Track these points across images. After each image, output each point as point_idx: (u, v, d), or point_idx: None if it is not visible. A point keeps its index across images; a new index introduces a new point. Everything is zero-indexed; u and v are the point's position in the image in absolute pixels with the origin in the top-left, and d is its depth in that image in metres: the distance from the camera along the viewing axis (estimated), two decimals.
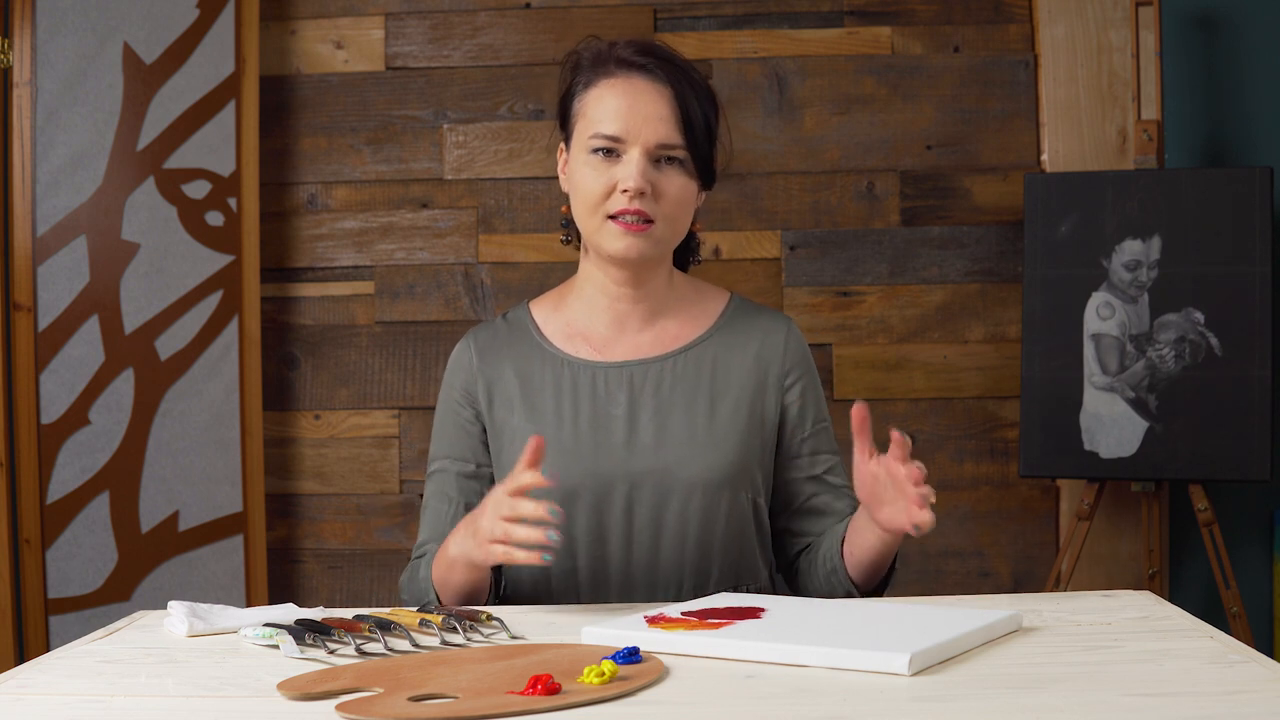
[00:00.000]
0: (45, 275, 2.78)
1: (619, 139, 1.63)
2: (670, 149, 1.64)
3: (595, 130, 1.65)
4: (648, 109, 1.64)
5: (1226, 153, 3.00)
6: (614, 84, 1.66)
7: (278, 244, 3.14)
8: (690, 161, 1.66)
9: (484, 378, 1.75)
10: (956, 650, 1.22)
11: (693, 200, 1.69)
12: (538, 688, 1.09)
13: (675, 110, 1.64)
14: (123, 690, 1.18)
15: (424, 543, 1.75)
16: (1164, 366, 2.75)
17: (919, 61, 3.09)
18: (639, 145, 1.63)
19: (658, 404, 1.70)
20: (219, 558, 2.95)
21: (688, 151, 1.65)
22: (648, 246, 1.65)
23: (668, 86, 1.65)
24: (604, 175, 1.64)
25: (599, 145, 1.64)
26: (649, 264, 1.70)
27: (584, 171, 1.66)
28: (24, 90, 2.75)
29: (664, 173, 1.65)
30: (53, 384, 2.78)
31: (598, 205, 1.65)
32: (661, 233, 1.66)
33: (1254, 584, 2.97)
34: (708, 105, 1.69)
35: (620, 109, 1.64)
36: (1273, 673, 1.12)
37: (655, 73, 1.65)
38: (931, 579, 3.06)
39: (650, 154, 1.64)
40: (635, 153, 1.63)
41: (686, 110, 1.65)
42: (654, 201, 1.64)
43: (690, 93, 1.66)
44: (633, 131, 1.63)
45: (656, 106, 1.64)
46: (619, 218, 1.64)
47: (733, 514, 1.69)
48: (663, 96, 1.64)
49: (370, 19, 3.15)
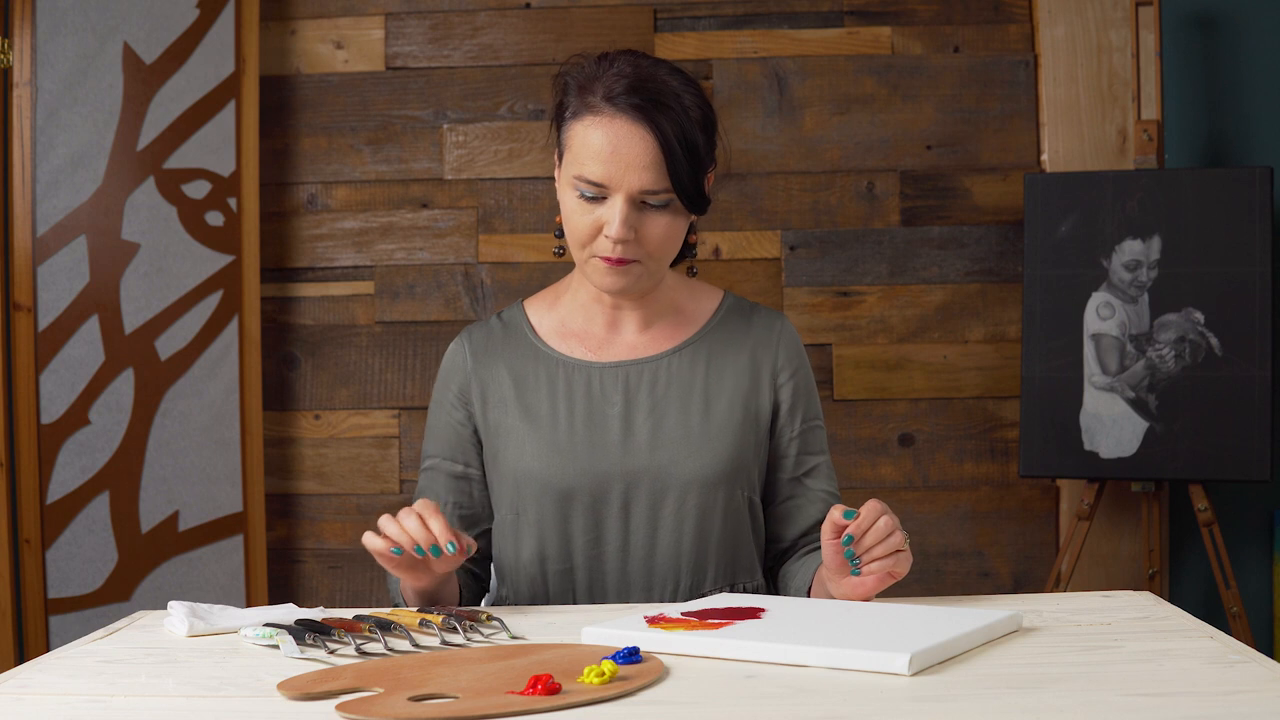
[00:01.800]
0: (45, 275, 2.78)
1: (602, 185, 1.60)
2: (654, 194, 1.60)
3: (579, 171, 1.61)
4: (630, 156, 1.59)
5: (1226, 153, 3.00)
6: (598, 123, 1.60)
7: (278, 244, 3.14)
8: (676, 201, 1.62)
9: (478, 379, 1.75)
10: (956, 650, 1.22)
11: (680, 234, 1.66)
12: (538, 688, 1.09)
13: (659, 156, 1.59)
14: (123, 690, 1.18)
15: None
16: (1164, 366, 2.75)
17: (919, 61, 3.09)
18: (622, 192, 1.59)
19: (653, 403, 1.70)
20: (219, 558, 2.95)
21: (673, 193, 1.61)
22: (632, 283, 1.65)
23: (651, 132, 1.59)
24: (589, 215, 1.62)
25: (582, 190, 1.61)
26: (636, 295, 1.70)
27: (571, 206, 1.64)
28: (24, 90, 2.75)
29: (648, 216, 1.62)
30: (53, 384, 2.78)
31: (584, 244, 1.64)
32: (646, 270, 1.65)
33: (1254, 584, 2.97)
34: (695, 133, 1.62)
35: (603, 154, 1.59)
36: (1273, 673, 1.12)
37: (639, 116, 1.59)
38: (931, 579, 3.06)
39: (633, 200, 1.60)
40: (618, 200, 1.60)
41: (670, 154, 1.59)
42: (638, 245, 1.62)
43: (676, 132, 1.60)
44: (615, 179, 1.59)
45: (639, 153, 1.59)
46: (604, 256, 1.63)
47: (729, 512, 1.69)
48: (646, 142, 1.59)
49: (370, 19, 3.15)
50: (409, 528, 1.49)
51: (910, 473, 3.08)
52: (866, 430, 3.08)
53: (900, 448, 3.08)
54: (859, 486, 3.05)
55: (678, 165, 1.60)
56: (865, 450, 3.07)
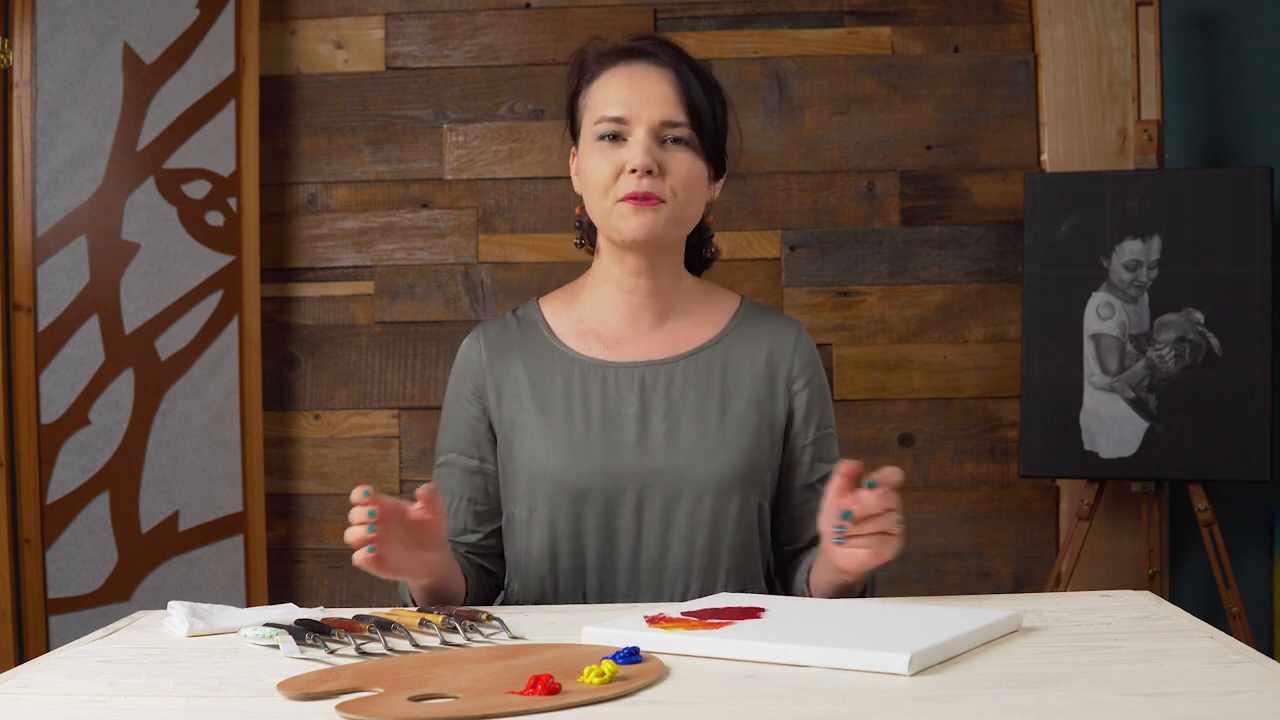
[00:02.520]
0: (45, 275, 2.78)
1: (623, 120, 1.65)
2: (675, 126, 1.65)
3: (600, 115, 1.67)
4: (650, 90, 1.66)
5: (1226, 153, 3.00)
6: (616, 72, 1.69)
7: (278, 244, 3.14)
8: (696, 141, 1.67)
9: (493, 374, 1.75)
10: (956, 650, 1.22)
11: (702, 182, 1.69)
12: (538, 688, 1.09)
13: (678, 90, 1.66)
14: (123, 690, 1.18)
15: None
16: (1164, 366, 2.75)
17: (919, 61, 3.09)
18: (644, 124, 1.65)
19: (669, 405, 1.70)
20: (219, 558, 2.95)
21: (693, 130, 1.66)
22: (659, 223, 1.65)
23: (669, 68, 1.67)
24: (611, 158, 1.65)
25: (604, 130, 1.66)
26: (662, 248, 1.70)
27: (592, 158, 1.67)
28: (24, 90, 2.75)
29: (670, 152, 1.66)
30: (53, 384, 2.78)
31: (607, 189, 1.66)
32: (672, 211, 1.66)
33: (1254, 584, 2.97)
34: (712, 93, 1.70)
35: (623, 92, 1.66)
36: (1273, 673, 1.12)
37: (656, 55, 1.68)
38: (931, 579, 3.06)
39: (656, 133, 1.65)
40: (641, 132, 1.65)
41: (689, 90, 1.66)
42: (662, 181, 1.65)
43: (692, 76, 1.68)
44: (636, 112, 1.65)
45: (659, 87, 1.66)
46: (629, 199, 1.64)
47: (741, 516, 1.69)
48: (664, 78, 1.67)
49: (370, 19, 3.15)
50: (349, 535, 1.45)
51: (910, 473, 3.08)
52: (866, 430, 3.08)
53: (900, 448, 3.08)
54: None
55: (696, 101, 1.66)
56: (865, 450, 3.07)
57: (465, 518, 1.75)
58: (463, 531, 1.76)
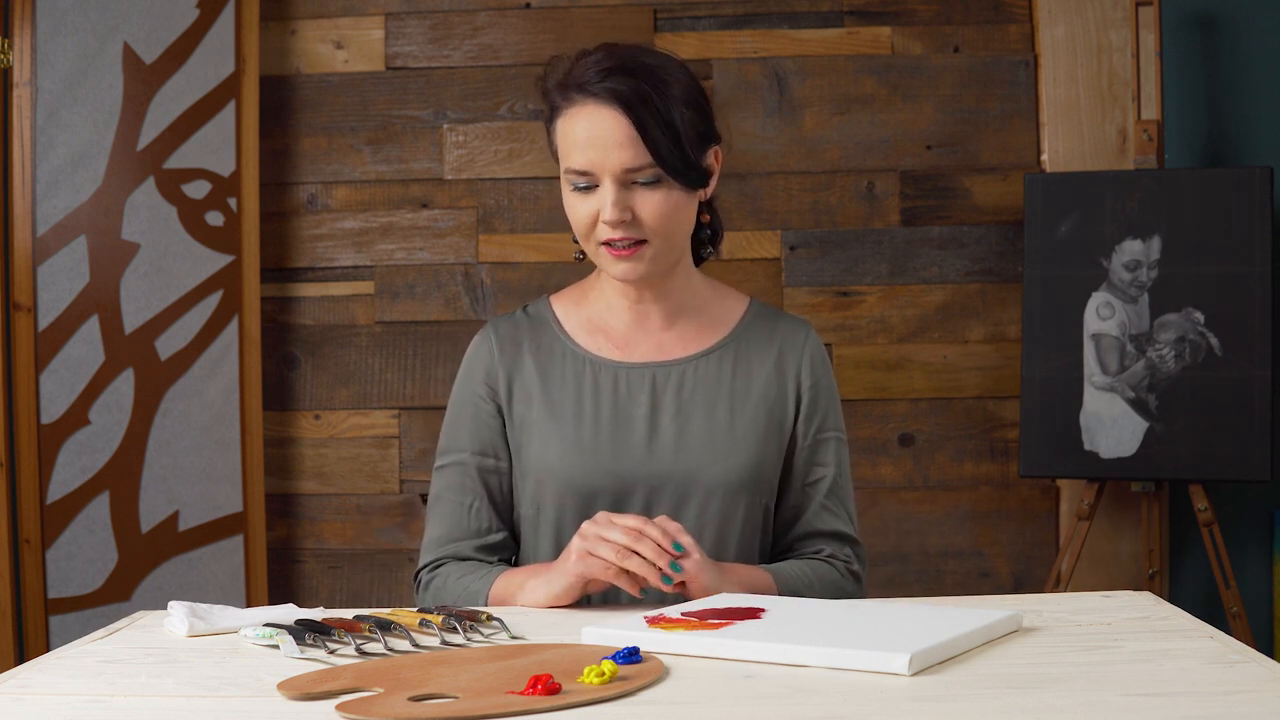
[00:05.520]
0: (45, 275, 2.78)
1: (588, 172, 1.61)
2: (639, 170, 1.60)
3: (568, 165, 1.64)
4: (607, 137, 1.60)
5: (1226, 153, 3.00)
6: (575, 113, 1.63)
7: (278, 244, 3.14)
8: (665, 175, 1.62)
9: (505, 370, 1.74)
10: (956, 650, 1.22)
11: (681, 208, 1.65)
12: (538, 688, 1.09)
13: (635, 130, 1.59)
14: (123, 690, 1.18)
15: (442, 541, 1.72)
16: (1164, 366, 2.75)
17: (919, 61, 3.09)
18: (608, 175, 1.61)
19: (679, 406, 1.70)
20: (219, 558, 2.95)
21: (659, 168, 1.61)
22: (643, 266, 1.64)
23: (622, 111, 1.60)
24: (586, 205, 1.63)
25: (574, 181, 1.63)
26: (654, 280, 1.70)
27: (570, 200, 1.66)
28: (24, 90, 2.75)
29: (639, 194, 1.62)
30: (53, 384, 2.78)
31: (588, 234, 1.65)
32: (655, 249, 1.64)
33: (1254, 584, 2.97)
34: (674, 106, 1.62)
35: (582, 141, 1.61)
36: (1273, 673, 1.12)
37: (609, 98, 1.60)
38: (931, 579, 3.06)
39: (621, 181, 1.61)
40: (607, 183, 1.61)
41: (645, 128, 1.59)
42: (637, 225, 1.62)
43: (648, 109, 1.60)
44: (598, 163, 1.61)
45: (615, 132, 1.60)
46: (608, 249, 1.64)
47: (749, 518, 1.69)
48: (618, 121, 1.60)
49: (370, 19, 3.15)
50: (635, 565, 1.48)
51: (910, 473, 3.08)
52: (866, 430, 3.08)
53: (900, 448, 3.08)
54: (859, 487, 3.05)
55: (655, 139, 1.60)
56: (865, 450, 3.07)
57: (488, 517, 1.73)
58: (487, 531, 1.72)
